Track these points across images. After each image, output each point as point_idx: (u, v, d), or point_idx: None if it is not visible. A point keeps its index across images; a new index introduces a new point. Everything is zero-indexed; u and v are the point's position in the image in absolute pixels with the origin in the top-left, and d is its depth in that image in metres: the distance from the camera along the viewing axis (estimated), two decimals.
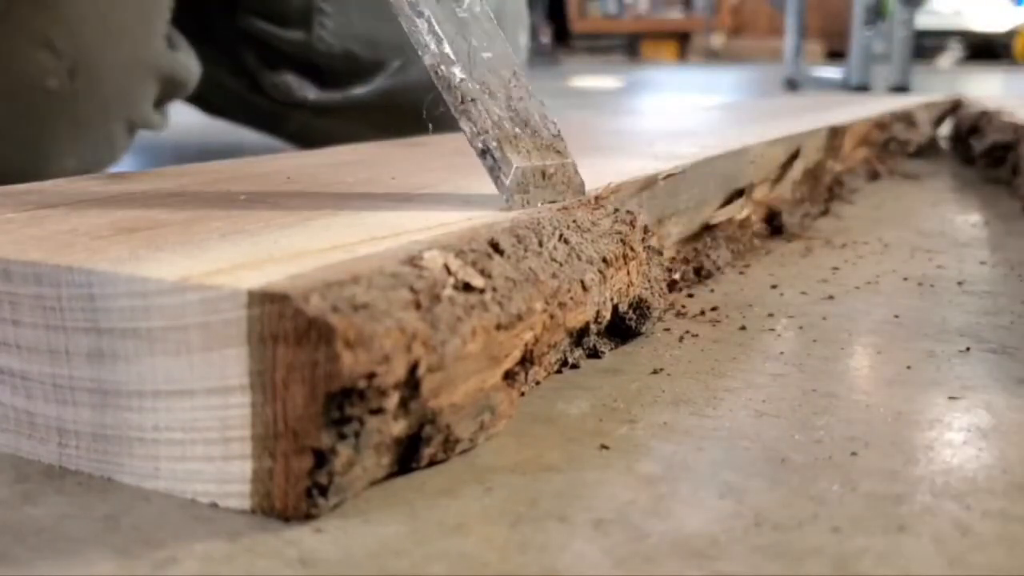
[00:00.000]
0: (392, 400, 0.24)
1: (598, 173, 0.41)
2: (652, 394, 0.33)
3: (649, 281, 0.38)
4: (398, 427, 0.25)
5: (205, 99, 0.89)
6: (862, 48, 2.36)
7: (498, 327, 0.28)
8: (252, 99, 0.88)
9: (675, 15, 5.83)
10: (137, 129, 0.69)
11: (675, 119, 0.83)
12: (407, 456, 0.26)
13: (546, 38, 4.60)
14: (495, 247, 0.30)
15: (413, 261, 0.26)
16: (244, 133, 1.02)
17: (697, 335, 0.40)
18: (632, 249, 0.37)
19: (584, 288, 0.33)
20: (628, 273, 0.36)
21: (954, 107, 1.12)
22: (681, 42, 5.72)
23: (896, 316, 0.43)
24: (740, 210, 0.53)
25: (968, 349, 0.38)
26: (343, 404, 0.23)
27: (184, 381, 0.25)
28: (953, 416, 0.31)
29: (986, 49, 4.95)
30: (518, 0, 0.92)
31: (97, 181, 0.41)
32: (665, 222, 0.44)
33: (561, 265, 0.32)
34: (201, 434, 0.25)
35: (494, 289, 0.28)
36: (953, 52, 4.95)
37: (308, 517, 0.24)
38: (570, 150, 0.37)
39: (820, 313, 0.43)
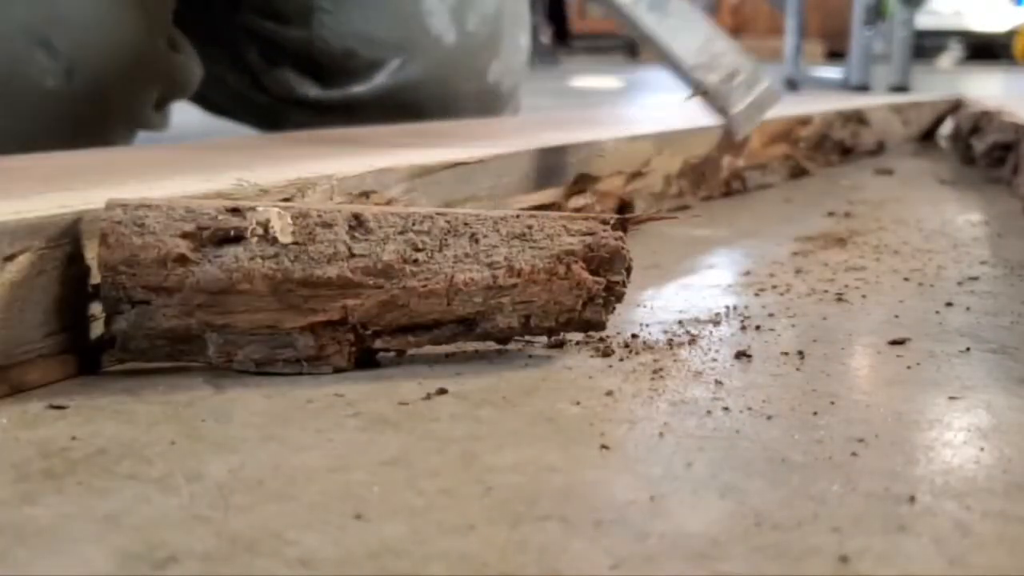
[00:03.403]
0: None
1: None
2: (652, 394, 0.33)
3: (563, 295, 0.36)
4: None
5: (206, 97, 0.89)
6: (862, 48, 2.36)
7: (300, 282, 0.32)
8: (253, 96, 0.89)
9: None
10: (137, 130, 0.69)
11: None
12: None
13: (546, 38, 4.59)
14: (357, 219, 0.33)
15: (238, 209, 0.32)
16: (243, 133, 1.02)
17: (696, 335, 0.40)
18: (568, 268, 0.35)
19: (452, 284, 0.34)
20: (550, 289, 0.35)
21: (955, 107, 1.12)
22: None
23: (896, 316, 0.43)
24: (564, 199, 0.57)
25: (968, 349, 0.38)
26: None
27: None
28: (953, 416, 0.31)
29: (986, 49, 4.94)
30: (519, 0, 0.92)
31: None
32: (459, 206, 0.48)
33: (430, 256, 0.34)
34: None
35: (306, 250, 0.32)
36: (953, 52, 4.95)
37: None
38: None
39: (820, 313, 0.43)
